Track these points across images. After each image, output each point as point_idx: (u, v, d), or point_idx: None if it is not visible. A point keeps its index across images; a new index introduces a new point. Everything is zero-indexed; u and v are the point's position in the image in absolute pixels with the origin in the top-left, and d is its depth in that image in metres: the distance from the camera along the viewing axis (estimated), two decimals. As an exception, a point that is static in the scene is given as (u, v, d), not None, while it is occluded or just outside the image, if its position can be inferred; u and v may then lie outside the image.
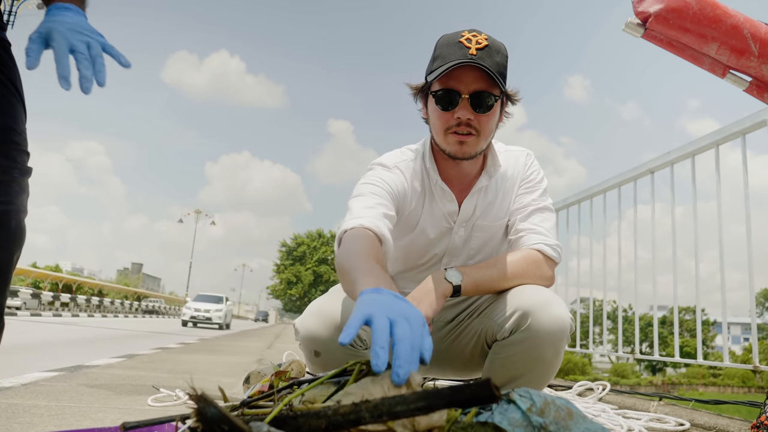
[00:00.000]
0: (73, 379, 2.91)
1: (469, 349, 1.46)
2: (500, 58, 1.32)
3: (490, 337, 1.37)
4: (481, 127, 1.33)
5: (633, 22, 1.51)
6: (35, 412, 1.91)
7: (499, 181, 1.49)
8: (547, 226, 1.45)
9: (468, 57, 1.28)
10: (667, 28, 1.48)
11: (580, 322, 4.47)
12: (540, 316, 1.25)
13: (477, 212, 1.48)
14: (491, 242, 1.51)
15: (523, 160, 1.52)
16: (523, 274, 1.36)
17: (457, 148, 1.35)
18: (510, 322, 1.29)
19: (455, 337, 1.48)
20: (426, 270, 1.52)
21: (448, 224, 1.47)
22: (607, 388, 2.79)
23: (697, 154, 2.75)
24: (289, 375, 1.20)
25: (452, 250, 1.50)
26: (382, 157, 1.49)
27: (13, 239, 1.15)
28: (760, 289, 58.14)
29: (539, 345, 1.26)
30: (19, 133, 1.16)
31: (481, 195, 1.47)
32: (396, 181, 1.42)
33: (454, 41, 1.31)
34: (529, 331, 1.26)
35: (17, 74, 1.20)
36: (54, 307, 23.18)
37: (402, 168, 1.45)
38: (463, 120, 1.31)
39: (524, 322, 1.26)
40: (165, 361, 4.50)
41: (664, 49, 1.54)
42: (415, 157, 1.48)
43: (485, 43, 1.30)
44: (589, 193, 3.71)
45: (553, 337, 1.26)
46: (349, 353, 1.29)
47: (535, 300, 1.28)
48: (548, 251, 1.39)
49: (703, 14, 1.46)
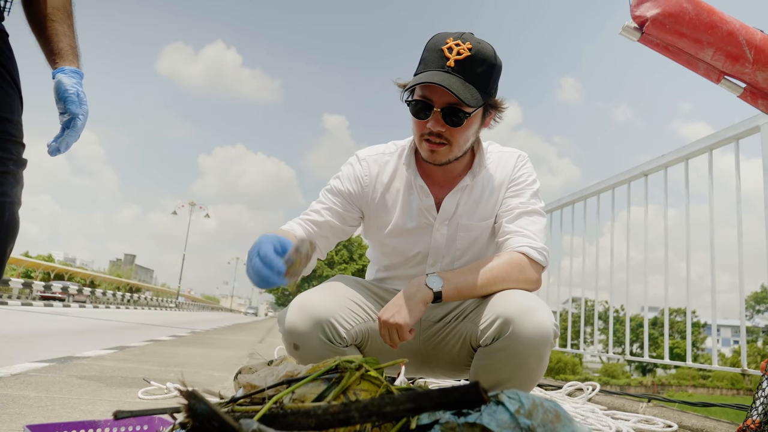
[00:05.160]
0: (64, 370, 2.90)
1: (456, 351, 1.46)
2: (483, 69, 1.30)
3: (474, 341, 1.38)
4: (453, 138, 1.34)
5: (630, 26, 1.51)
6: (24, 403, 1.91)
7: (485, 180, 1.49)
8: (535, 229, 1.43)
9: (445, 68, 1.28)
10: (664, 32, 1.48)
11: (572, 322, 4.48)
12: (522, 324, 1.25)
13: (459, 211, 1.48)
14: (477, 243, 1.51)
15: (513, 162, 1.52)
16: (507, 278, 1.35)
17: (429, 155, 1.38)
18: (492, 329, 1.29)
19: (442, 338, 1.48)
20: (414, 267, 1.53)
21: (427, 220, 1.48)
22: (596, 389, 2.81)
23: (690, 158, 2.77)
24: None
25: (436, 249, 1.49)
26: (362, 149, 1.58)
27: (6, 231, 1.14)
28: (749, 293, 58.51)
29: (522, 352, 1.26)
30: (15, 124, 1.16)
31: (464, 194, 1.47)
32: (352, 176, 1.52)
33: (438, 47, 1.30)
34: (511, 338, 1.26)
35: (14, 64, 1.20)
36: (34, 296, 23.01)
37: (371, 161, 1.53)
38: (434, 131, 1.33)
39: (506, 329, 1.26)
40: (156, 353, 4.49)
41: (661, 53, 1.55)
42: (396, 151, 1.54)
43: (466, 54, 1.27)
44: (583, 194, 3.73)
45: (536, 344, 1.26)
46: (326, 348, 1.32)
47: (517, 307, 1.27)
48: (533, 254, 1.38)
49: (700, 20, 1.47)
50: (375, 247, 1.61)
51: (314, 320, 1.31)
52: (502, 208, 1.48)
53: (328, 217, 1.51)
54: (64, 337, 5.96)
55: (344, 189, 1.52)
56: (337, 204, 1.52)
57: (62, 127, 1.25)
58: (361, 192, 1.52)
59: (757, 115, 2.27)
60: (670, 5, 1.46)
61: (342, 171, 1.56)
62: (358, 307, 1.42)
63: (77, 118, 1.24)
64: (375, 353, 1.43)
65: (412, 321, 1.26)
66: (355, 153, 1.57)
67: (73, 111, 1.23)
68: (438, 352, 1.49)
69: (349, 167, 1.55)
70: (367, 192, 1.52)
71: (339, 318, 1.35)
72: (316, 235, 1.50)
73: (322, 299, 1.36)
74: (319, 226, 1.50)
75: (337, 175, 1.56)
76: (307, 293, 1.39)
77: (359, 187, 1.52)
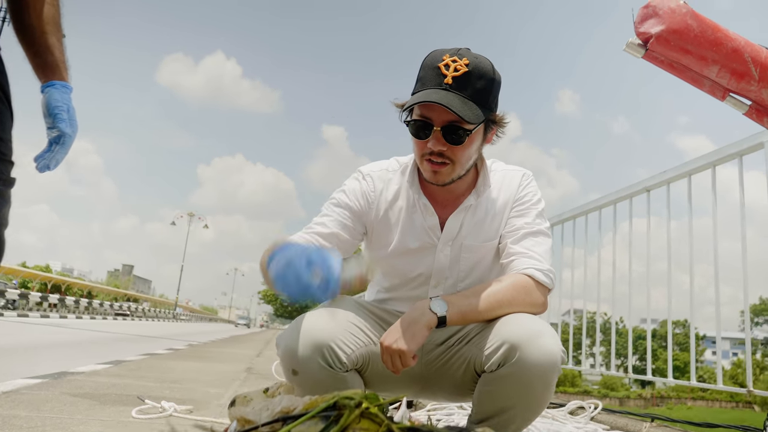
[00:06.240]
0: (57, 387, 2.85)
1: (459, 375, 1.41)
2: (482, 84, 1.27)
3: (478, 367, 1.34)
4: (455, 156, 1.31)
5: (634, 43, 1.50)
6: (15, 423, 1.86)
7: (489, 200, 1.46)
8: (540, 251, 1.40)
9: (442, 86, 1.26)
10: (669, 49, 1.46)
11: (572, 334, 4.45)
12: (528, 350, 1.21)
13: (464, 231, 1.44)
14: (481, 264, 1.47)
15: (517, 180, 1.48)
16: (512, 302, 1.31)
17: (431, 175, 1.35)
18: (497, 355, 1.25)
19: (445, 362, 1.43)
20: (416, 288, 1.49)
21: (431, 240, 1.44)
22: (599, 407, 2.76)
23: (693, 174, 2.75)
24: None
25: (439, 270, 1.45)
26: (365, 165, 1.54)
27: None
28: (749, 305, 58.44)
29: (528, 379, 1.22)
30: (5, 141, 1.12)
31: (468, 214, 1.44)
32: (358, 191, 1.48)
33: (434, 65, 1.28)
34: (517, 365, 1.22)
35: (6, 78, 1.16)
36: (42, 308, 22.93)
37: (375, 177, 1.49)
38: (435, 150, 1.30)
39: (512, 355, 1.22)
40: (152, 368, 4.43)
41: (666, 70, 1.53)
42: (398, 168, 1.50)
43: (464, 70, 1.25)
44: (585, 209, 3.70)
45: (543, 370, 1.21)
46: (326, 373, 1.26)
47: (524, 332, 1.23)
48: (539, 276, 1.34)
49: (704, 37, 1.45)
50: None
51: (314, 344, 1.26)
52: (506, 228, 1.45)
53: (335, 229, 1.44)
54: (59, 350, 5.90)
55: (351, 203, 1.47)
56: (344, 216, 1.46)
57: (50, 142, 1.21)
58: (368, 208, 1.48)
59: (762, 131, 2.24)
60: (674, 22, 1.44)
61: (347, 185, 1.51)
62: (359, 330, 1.36)
63: (67, 136, 1.20)
64: (376, 378, 1.39)
65: (416, 347, 1.22)
66: (358, 169, 1.53)
67: (63, 129, 1.20)
68: (440, 376, 1.45)
69: (354, 182, 1.50)
70: (372, 209, 1.48)
71: (339, 342, 1.29)
72: None
73: (322, 322, 1.31)
74: (326, 237, 1.43)
75: (342, 189, 1.51)
76: (306, 316, 1.34)
77: (366, 203, 1.48)
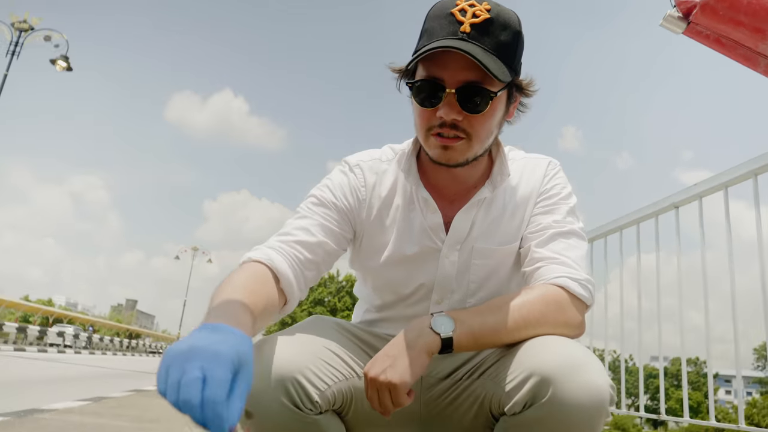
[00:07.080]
0: (18, 427, 2.63)
1: (469, 419, 1.08)
2: (507, 36, 1.00)
3: (495, 407, 1.01)
4: (472, 129, 1.02)
5: (673, 15, 1.24)
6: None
7: (507, 193, 1.16)
8: (574, 256, 1.08)
9: (458, 35, 0.98)
10: (716, 21, 1.21)
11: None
12: (566, 385, 0.88)
13: (475, 232, 1.14)
14: (497, 273, 1.16)
15: (542, 170, 1.18)
16: (541, 321, 1.00)
17: (440, 152, 1.04)
18: (523, 391, 0.92)
19: (451, 402, 1.11)
20: (414, 305, 1.18)
21: (433, 243, 1.14)
22: (608, 453, 2.52)
23: (704, 196, 2.55)
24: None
25: (443, 281, 1.15)
26: (352, 155, 1.23)
27: None
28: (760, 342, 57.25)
29: (566, 425, 0.89)
30: None
31: (481, 210, 1.14)
32: (346, 186, 1.17)
33: (446, 12, 1.00)
34: (551, 405, 0.89)
35: None
36: (42, 343, 22.62)
37: (366, 168, 1.19)
38: (447, 121, 1.00)
39: (544, 392, 0.90)
40: (133, 405, 4.19)
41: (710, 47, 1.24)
42: (394, 157, 1.19)
43: (485, 16, 0.98)
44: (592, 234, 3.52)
45: (587, 414, 0.88)
46: (291, 417, 0.93)
47: (559, 361, 0.91)
48: (575, 288, 1.03)
49: (761, 4, 1.18)
50: (365, 279, 1.25)
51: (274, 377, 0.92)
52: (530, 228, 1.15)
53: (322, 237, 1.11)
54: (42, 386, 5.65)
55: (338, 202, 1.15)
56: (328, 219, 1.13)
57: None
58: (358, 207, 1.17)
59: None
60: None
61: (331, 180, 1.19)
62: (337, 360, 1.04)
63: None
64: (360, 421, 1.06)
65: (412, 379, 0.92)
66: (344, 159, 1.22)
67: None
68: (444, 420, 1.13)
69: (340, 175, 1.19)
70: (363, 207, 1.17)
71: (309, 374, 0.96)
72: (307, 264, 1.09)
73: (287, 348, 0.98)
74: (312, 250, 1.09)
75: (325, 183, 1.19)
76: (266, 340, 1.02)
77: (356, 201, 1.17)
